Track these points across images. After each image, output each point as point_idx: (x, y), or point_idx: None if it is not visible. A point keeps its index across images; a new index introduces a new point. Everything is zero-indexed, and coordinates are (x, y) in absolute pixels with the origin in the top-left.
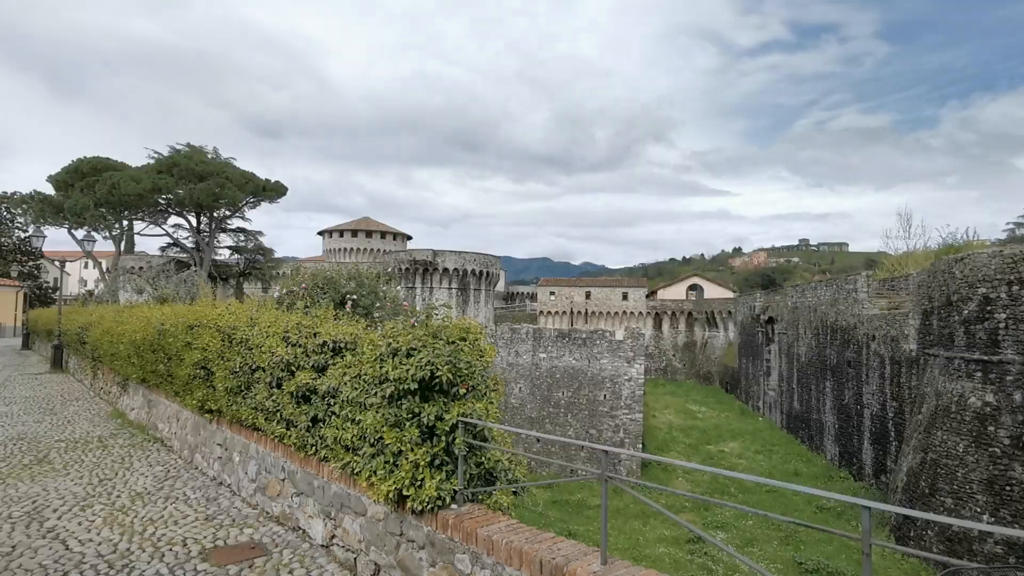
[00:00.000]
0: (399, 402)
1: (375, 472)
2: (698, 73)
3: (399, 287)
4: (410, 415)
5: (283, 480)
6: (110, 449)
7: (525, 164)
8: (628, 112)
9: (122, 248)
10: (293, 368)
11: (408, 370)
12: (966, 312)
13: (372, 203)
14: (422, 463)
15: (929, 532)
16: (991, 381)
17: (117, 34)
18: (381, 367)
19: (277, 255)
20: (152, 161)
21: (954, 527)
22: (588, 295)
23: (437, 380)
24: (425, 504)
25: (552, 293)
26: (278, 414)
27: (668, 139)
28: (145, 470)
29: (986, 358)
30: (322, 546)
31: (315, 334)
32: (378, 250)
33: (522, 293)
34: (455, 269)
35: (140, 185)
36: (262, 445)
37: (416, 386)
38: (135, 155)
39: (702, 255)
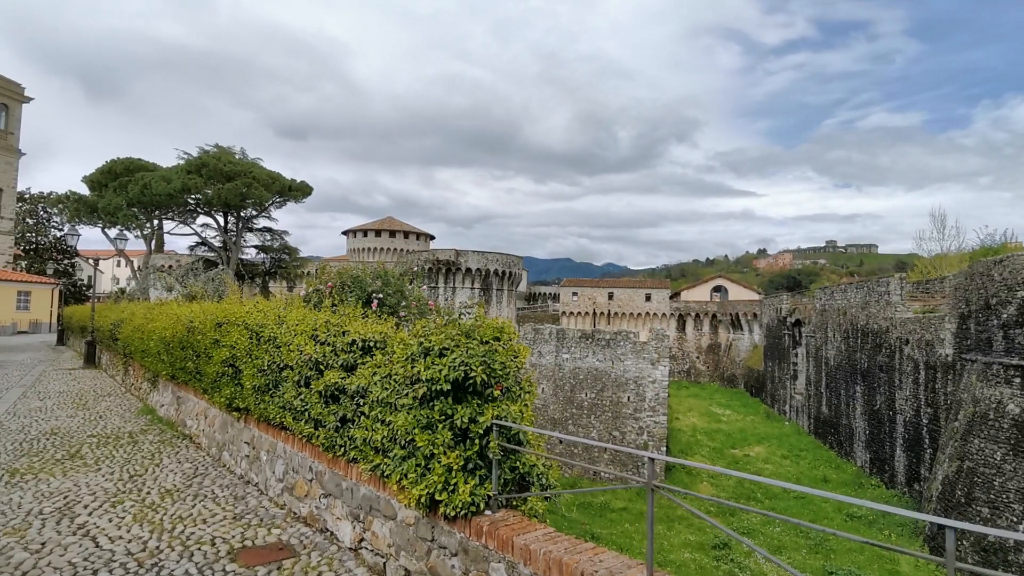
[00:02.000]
0: (431, 403)
1: (406, 475)
2: (722, 73)
3: (424, 286)
4: (443, 417)
5: (311, 481)
6: (140, 445)
7: (547, 164)
8: (651, 112)
9: (152, 247)
10: (321, 367)
11: (441, 370)
12: (1005, 316)
13: (395, 203)
14: (455, 467)
15: (965, 543)
16: None
17: (148, 38)
18: (412, 367)
19: (302, 254)
20: (182, 162)
21: (990, 537)
22: (611, 296)
23: (471, 381)
24: (459, 510)
25: (574, 294)
26: (306, 413)
27: (691, 139)
28: (174, 467)
29: None
30: (350, 549)
31: (344, 332)
32: (401, 250)
33: (544, 293)
34: (478, 269)
35: (170, 185)
36: (289, 444)
37: (449, 387)
38: (165, 156)
39: (726, 256)
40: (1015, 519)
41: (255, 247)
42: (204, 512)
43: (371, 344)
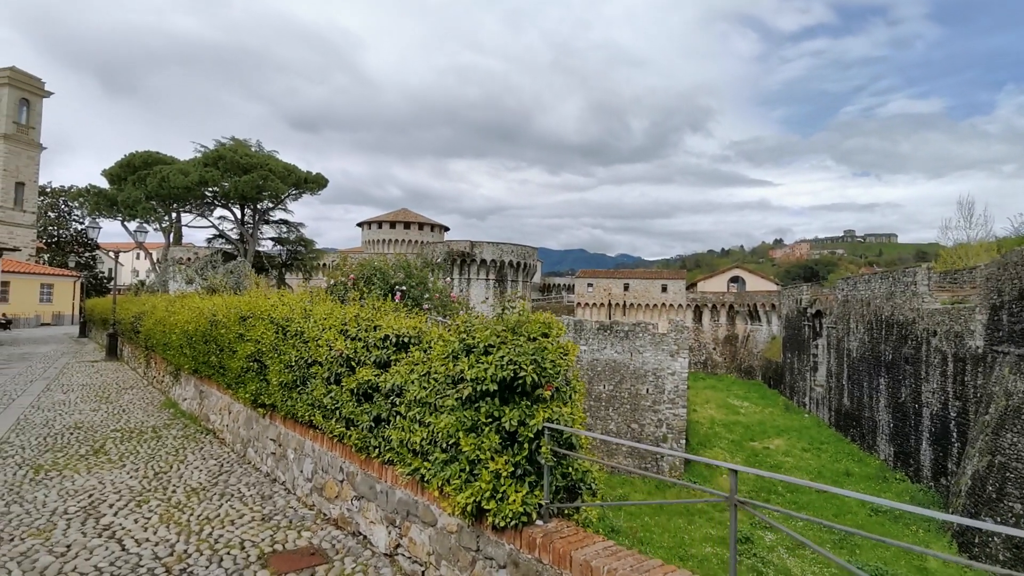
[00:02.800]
0: (476, 404)
1: (448, 481)
2: (737, 60)
3: (448, 278)
4: (489, 419)
5: (341, 482)
6: (164, 440)
7: (560, 155)
8: (665, 101)
9: (171, 240)
10: (353, 364)
11: (487, 369)
12: None
13: (408, 195)
14: (504, 473)
15: (996, 539)
16: None
17: (163, 32)
18: (455, 365)
19: (317, 246)
20: (199, 155)
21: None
22: (626, 287)
23: (520, 381)
24: (508, 520)
25: (590, 285)
26: (337, 412)
27: (706, 128)
28: (199, 463)
29: None
30: (385, 555)
31: (376, 327)
32: (416, 241)
33: (559, 285)
34: (492, 260)
35: (188, 178)
36: (318, 443)
37: (496, 387)
38: (182, 149)
39: (741, 247)
40: None
41: (271, 239)
42: (231, 512)
43: (406, 340)
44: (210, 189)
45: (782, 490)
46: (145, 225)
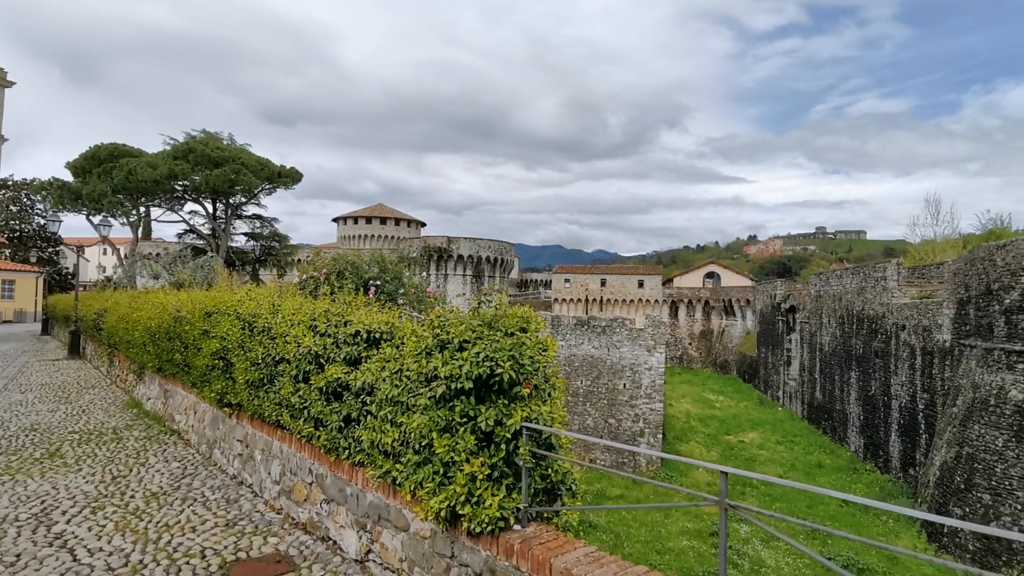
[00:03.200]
0: (450, 403)
1: (421, 484)
2: (713, 58)
3: (423, 273)
4: (464, 419)
5: (310, 484)
6: (125, 442)
7: (537, 150)
8: (641, 98)
9: (139, 234)
10: (322, 361)
11: (462, 366)
12: (1008, 301)
13: (384, 190)
14: (480, 476)
15: (964, 531)
16: None
17: (130, 21)
18: (428, 362)
19: (292, 242)
20: (168, 147)
21: (992, 524)
22: (603, 283)
23: (497, 379)
24: (484, 526)
25: (567, 280)
26: (305, 411)
27: (682, 125)
28: (161, 466)
29: None
30: (356, 561)
31: (346, 323)
32: (392, 236)
33: (536, 280)
34: (469, 256)
35: (156, 171)
36: (286, 444)
37: (471, 385)
38: (150, 141)
39: (716, 243)
40: (1019, 506)
41: (245, 234)
42: (193, 518)
43: (377, 336)
44: (180, 183)
45: (756, 483)
46: (109, 219)
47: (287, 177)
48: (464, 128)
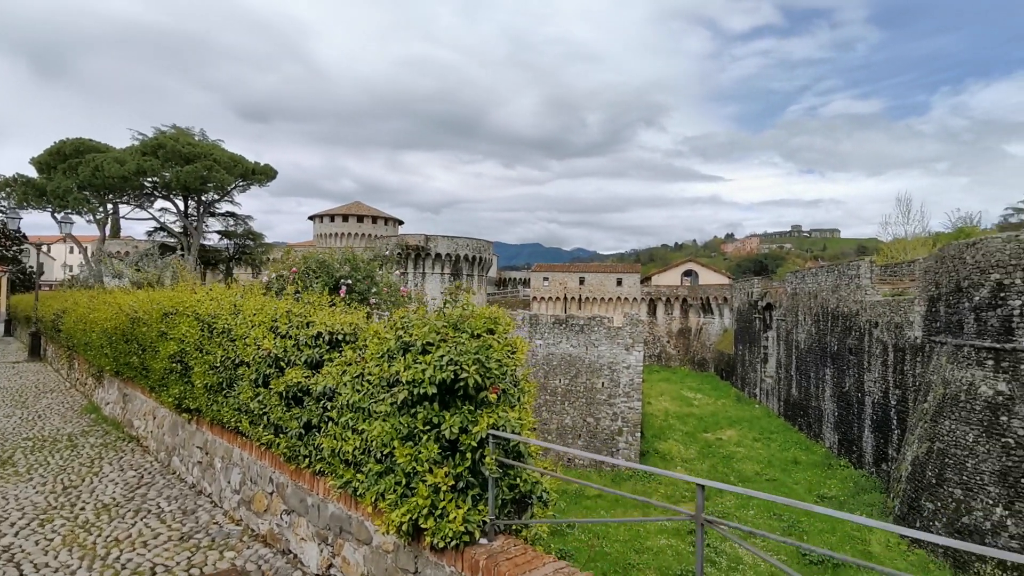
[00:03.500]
0: (413, 410)
1: (383, 495)
2: (690, 57)
3: (396, 272)
4: (427, 426)
5: (271, 494)
6: (80, 449)
7: (515, 148)
8: (619, 96)
9: (107, 232)
10: (282, 364)
11: (425, 370)
12: (977, 298)
13: (362, 188)
14: (444, 487)
15: (936, 523)
16: (1004, 370)
17: (99, 14)
18: (390, 366)
19: (267, 240)
20: (137, 143)
21: (964, 519)
22: (582, 281)
23: (462, 383)
24: (449, 540)
25: (546, 279)
26: (265, 417)
27: (660, 124)
28: (116, 476)
29: (999, 346)
30: None
31: (308, 324)
32: (369, 235)
33: (514, 279)
34: (447, 254)
35: (124, 167)
36: (247, 451)
37: (435, 390)
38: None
39: (694, 241)
40: (990, 501)
41: (218, 232)
42: (145, 532)
43: (339, 338)
44: (149, 179)
45: (734, 480)
46: (71, 215)
47: (261, 174)
48: (442, 125)
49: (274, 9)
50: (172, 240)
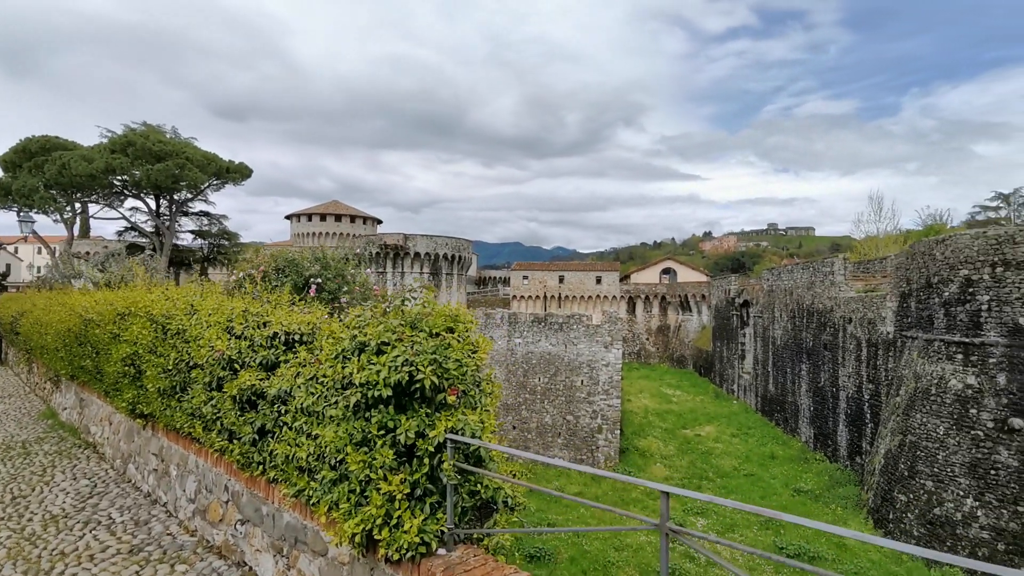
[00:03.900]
0: (367, 414)
1: (336, 504)
2: (668, 58)
3: (369, 270)
4: (382, 431)
5: (226, 503)
6: (33, 457)
7: (495, 148)
8: (598, 96)
9: (76, 232)
10: (236, 366)
11: (379, 371)
12: (947, 294)
13: (341, 187)
14: (399, 495)
15: (909, 515)
16: (973, 363)
17: (70, 10)
18: (344, 367)
19: (244, 240)
20: (105, 140)
21: (935, 510)
22: (561, 279)
23: (418, 385)
24: (404, 552)
25: (525, 277)
26: (219, 423)
27: (638, 123)
28: (67, 485)
29: (968, 340)
30: None
31: (265, 324)
32: (347, 234)
33: (494, 278)
34: (427, 253)
35: (92, 165)
36: (203, 458)
37: (390, 392)
38: (90, 135)
39: (673, 239)
40: (961, 492)
41: (191, 232)
42: (93, 545)
43: (295, 338)
44: (118, 178)
45: (713, 476)
46: (32, 215)
47: (236, 172)
48: (422, 125)
49: (250, 6)
50: (144, 240)
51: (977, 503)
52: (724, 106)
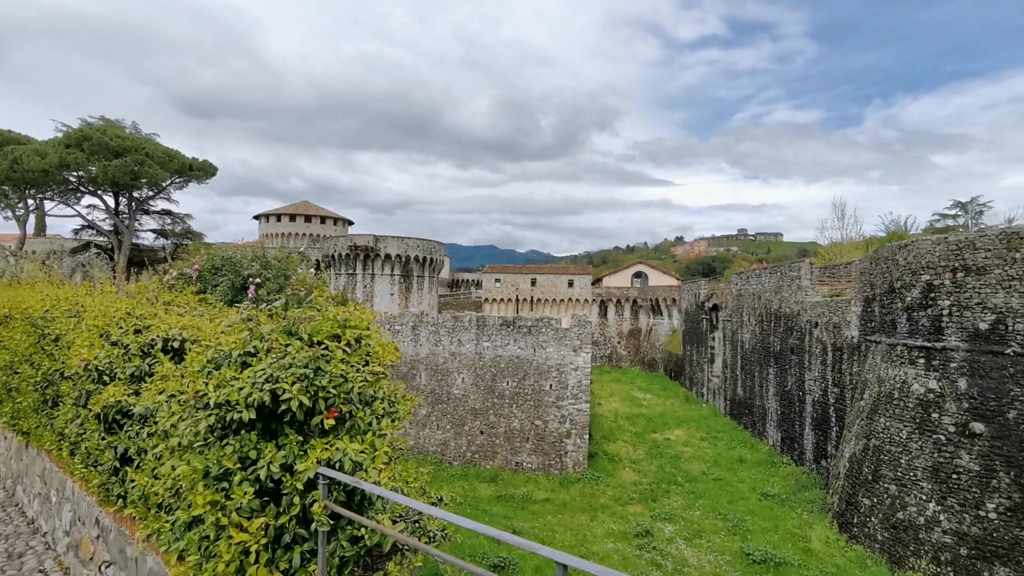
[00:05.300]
0: (223, 441)
1: (186, 553)
2: (641, 64)
3: (312, 270)
4: (240, 463)
5: (97, 538)
6: None
7: (470, 150)
8: (572, 100)
9: (27, 230)
10: (107, 378)
11: (241, 388)
12: (909, 299)
13: (313, 187)
14: (255, 547)
15: (873, 519)
16: (934, 368)
17: (30, 3)
18: (207, 383)
19: (213, 240)
20: (60, 135)
21: (899, 514)
22: (534, 282)
23: (286, 406)
24: None
25: (497, 280)
26: (82, 445)
27: (612, 128)
28: None
29: (929, 345)
30: None
31: (146, 328)
32: (317, 235)
33: (467, 280)
34: (397, 255)
35: (45, 160)
36: (79, 484)
37: (253, 415)
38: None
39: (645, 243)
40: (923, 496)
41: (153, 231)
42: None
43: (177, 345)
44: (74, 174)
45: (681, 480)
46: None
47: (199, 170)
48: (396, 126)
49: (217, 2)
50: (101, 239)
51: (939, 507)
52: (696, 112)
